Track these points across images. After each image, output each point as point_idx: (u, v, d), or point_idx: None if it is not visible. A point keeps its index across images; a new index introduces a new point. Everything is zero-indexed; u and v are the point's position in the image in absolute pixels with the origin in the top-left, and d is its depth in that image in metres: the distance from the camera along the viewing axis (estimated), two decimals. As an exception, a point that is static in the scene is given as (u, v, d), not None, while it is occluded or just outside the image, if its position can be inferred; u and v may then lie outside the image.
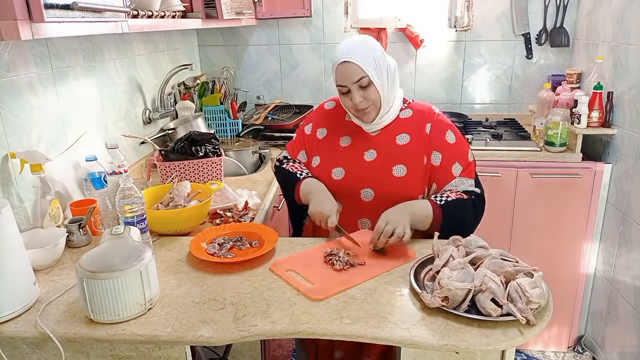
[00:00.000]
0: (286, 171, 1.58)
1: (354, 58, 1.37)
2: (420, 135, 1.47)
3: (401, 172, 1.45)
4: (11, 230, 1.07)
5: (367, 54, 1.39)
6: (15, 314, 1.08)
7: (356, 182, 1.47)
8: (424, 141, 1.47)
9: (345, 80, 1.40)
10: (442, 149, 1.46)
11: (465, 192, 1.45)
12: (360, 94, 1.40)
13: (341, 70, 1.39)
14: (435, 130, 1.48)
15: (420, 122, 1.49)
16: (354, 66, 1.37)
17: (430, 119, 1.49)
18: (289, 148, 1.67)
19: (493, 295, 1.04)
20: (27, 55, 1.46)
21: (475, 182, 1.48)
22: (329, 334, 1.02)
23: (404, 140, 1.47)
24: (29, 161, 1.38)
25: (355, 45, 1.41)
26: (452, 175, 1.45)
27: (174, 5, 1.77)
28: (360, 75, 1.38)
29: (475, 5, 2.66)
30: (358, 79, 1.38)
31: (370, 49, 1.41)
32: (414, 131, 1.48)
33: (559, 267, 2.34)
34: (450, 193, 1.44)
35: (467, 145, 1.52)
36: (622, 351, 2.17)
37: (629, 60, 2.06)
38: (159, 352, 1.05)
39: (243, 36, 2.90)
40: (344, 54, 1.39)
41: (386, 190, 1.45)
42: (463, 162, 1.47)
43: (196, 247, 1.33)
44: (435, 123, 1.49)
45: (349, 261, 1.26)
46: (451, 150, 1.47)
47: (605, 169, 2.20)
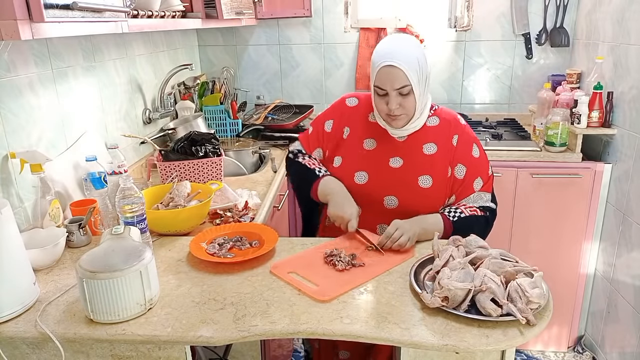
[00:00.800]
0: (303, 166, 1.53)
1: (400, 64, 1.31)
2: (447, 147, 1.45)
3: (427, 183, 1.43)
4: (11, 230, 1.07)
5: (414, 58, 1.33)
6: (15, 314, 1.08)
7: (380, 189, 1.45)
8: (450, 152, 1.45)
9: (386, 85, 1.34)
10: (467, 162, 1.45)
11: (480, 208, 1.44)
12: (398, 101, 1.35)
13: (384, 73, 1.33)
14: (461, 143, 1.46)
15: (447, 132, 1.46)
16: (399, 72, 1.32)
17: (458, 130, 1.47)
18: (303, 142, 1.61)
19: (493, 295, 1.04)
20: (27, 55, 1.46)
21: (491, 197, 1.48)
22: (329, 334, 1.02)
23: (431, 150, 1.45)
24: (29, 161, 1.38)
25: (401, 47, 1.34)
26: (472, 189, 1.45)
27: (174, 5, 1.77)
28: (404, 83, 1.33)
29: (475, 5, 2.67)
30: (400, 86, 1.33)
31: (416, 53, 1.35)
32: (441, 141, 1.45)
33: (559, 267, 2.34)
34: (465, 208, 1.43)
35: (488, 160, 1.51)
36: (622, 351, 2.17)
37: (629, 60, 2.06)
38: (159, 352, 1.05)
39: (243, 36, 2.90)
40: (389, 56, 1.32)
41: (411, 199, 1.43)
42: (484, 177, 1.47)
43: (196, 247, 1.33)
44: (462, 135, 1.47)
45: (350, 261, 1.26)
46: (475, 165, 1.46)
47: (605, 169, 2.20)
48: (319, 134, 1.58)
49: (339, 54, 2.87)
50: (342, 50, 2.86)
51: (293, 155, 1.60)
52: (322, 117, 1.59)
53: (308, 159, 1.56)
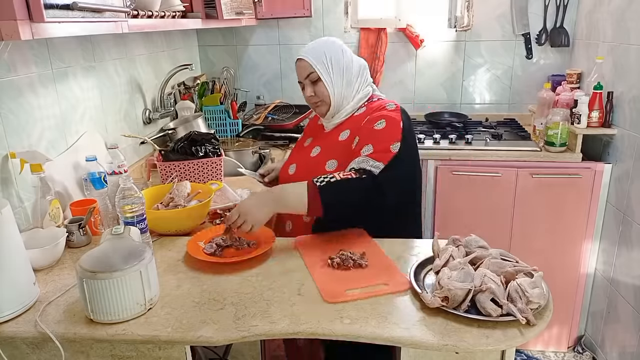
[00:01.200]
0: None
1: (304, 55, 1.49)
2: (357, 128, 1.46)
3: (332, 167, 1.47)
4: (11, 230, 1.07)
5: (320, 51, 1.48)
6: (15, 314, 1.08)
7: (302, 177, 1.40)
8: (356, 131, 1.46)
9: (299, 76, 1.52)
10: (363, 132, 1.41)
11: (357, 171, 1.34)
12: (311, 89, 1.50)
13: (297, 68, 1.52)
14: (369, 120, 1.43)
15: (364, 116, 1.48)
16: (304, 63, 1.49)
17: (373, 111, 1.46)
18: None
19: (493, 295, 1.04)
20: (27, 55, 1.46)
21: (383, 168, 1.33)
22: (329, 334, 1.02)
23: (344, 135, 1.50)
24: (29, 161, 1.38)
25: (312, 44, 1.52)
26: (359, 153, 1.37)
27: (174, 5, 1.77)
28: (309, 70, 1.48)
29: (475, 5, 2.67)
30: (307, 74, 1.49)
31: (326, 47, 1.50)
32: (354, 126, 1.49)
33: (559, 267, 2.34)
34: (340, 174, 1.33)
35: (396, 137, 1.37)
36: (622, 351, 2.17)
37: (629, 60, 2.06)
38: (159, 352, 1.05)
39: (243, 36, 2.90)
40: (300, 52, 1.51)
41: None
42: (378, 147, 1.36)
43: (193, 247, 1.33)
44: (374, 115, 1.43)
45: (350, 262, 1.25)
46: (371, 135, 1.39)
47: (605, 169, 2.20)
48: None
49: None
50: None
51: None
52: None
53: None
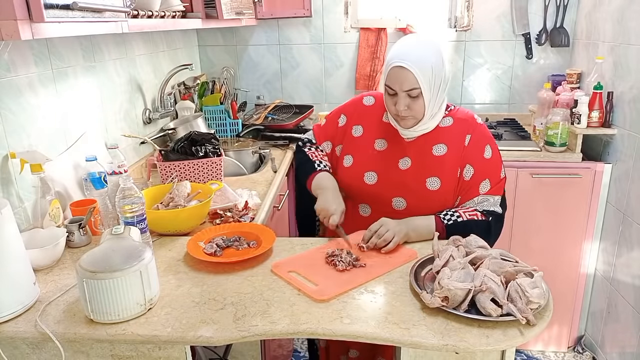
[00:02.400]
0: (306, 156, 1.56)
1: (410, 65, 1.30)
2: (458, 147, 1.41)
3: (434, 185, 1.41)
4: (11, 230, 1.07)
5: (427, 62, 1.31)
6: (15, 314, 1.08)
7: (388, 190, 1.44)
8: (461, 153, 1.41)
9: (395, 85, 1.34)
10: (476, 163, 1.41)
11: (483, 212, 1.40)
12: (407, 102, 1.34)
13: (394, 73, 1.33)
14: (474, 142, 1.42)
15: (460, 132, 1.42)
16: (409, 74, 1.30)
17: (471, 129, 1.43)
18: (315, 131, 1.63)
19: (493, 295, 1.04)
20: (27, 55, 1.46)
21: (500, 201, 1.43)
22: (329, 334, 1.02)
23: (440, 151, 1.42)
24: (29, 161, 1.38)
25: (417, 48, 1.33)
26: (477, 191, 1.41)
27: (174, 5, 1.77)
28: (413, 86, 1.32)
29: (475, 5, 2.67)
30: (409, 88, 1.32)
31: (432, 57, 1.32)
32: (452, 142, 1.42)
33: (559, 267, 2.34)
34: (464, 212, 1.39)
35: (501, 162, 1.46)
36: (622, 351, 2.17)
37: (629, 60, 2.06)
38: (159, 352, 1.05)
39: (243, 36, 2.90)
40: (402, 56, 1.31)
41: (418, 201, 1.42)
42: (493, 180, 1.41)
43: (193, 247, 1.33)
44: (475, 135, 1.42)
45: (351, 262, 1.26)
46: (484, 166, 1.41)
47: (605, 169, 2.20)
48: (331, 127, 1.60)
49: (339, 54, 2.87)
50: (342, 50, 2.86)
51: (302, 143, 1.63)
52: (337, 110, 1.60)
53: (313, 150, 1.58)
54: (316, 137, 1.62)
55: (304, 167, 1.55)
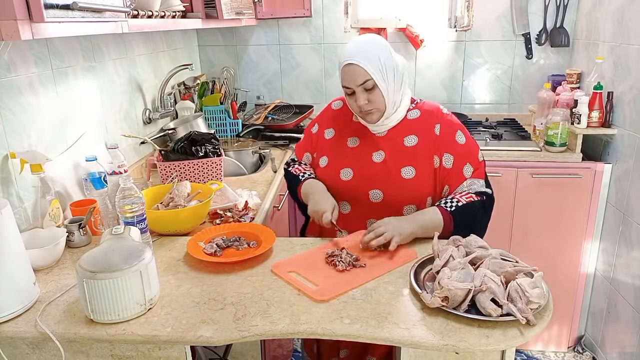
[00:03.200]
0: (291, 174, 1.61)
1: (358, 60, 1.35)
2: (429, 137, 1.46)
3: (410, 174, 1.44)
4: (11, 230, 1.07)
5: (373, 55, 1.36)
6: (15, 314, 1.08)
7: (365, 183, 1.47)
8: (433, 142, 1.45)
9: (350, 83, 1.38)
10: (453, 150, 1.45)
11: (476, 193, 1.43)
12: (365, 97, 1.39)
13: (346, 72, 1.38)
14: (444, 131, 1.46)
15: (428, 122, 1.47)
16: (358, 69, 1.36)
17: (440, 119, 1.47)
18: (296, 150, 1.69)
19: (493, 295, 1.04)
20: (27, 55, 1.46)
21: (485, 183, 1.47)
22: (328, 334, 1.02)
23: (412, 141, 1.46)
24: (29, 161, 1.38)
25: (361, 46, 1.39)
26: (463, 176, 1.44)
27: (174, 5, 1.77)
28: (365, 78, 1.36)
29: (475, 5, 2.66)
30: (362, 81, 1.37)
31: (377, 49, 1.38)
32: (422, 132, 1.46)
33: (559, 267, 2.34)
34: (461, 196, 1.42)
35: (477, 146, 1.50)
36: (622, 351, 2.17)
37: (629, 60, 2.06)
38: (159, 352, 1.05)
39: (243, 36, 2.90)
40: (350, 55, 1.37)
41: (395, 191, 1.45)
42: (474, 163, 1.46)
43: (193, 247, 1.33)
44: (445, 123, 1.47)
45: (351, 262, 1.26)
46: (462, 151, 1.45)
47: (605, 169, 2.20)
48: (307, 139, 1.65)
49: (339, 54, 2.85)
50: (342, 50, 2.84)
51: (287, 165, 1.68)
52: (311, 123, 1.67)
53: (297, 167, 1.63)
54: (297, 155, 1.68)
55: (291, 184, 1.61)
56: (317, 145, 1.59)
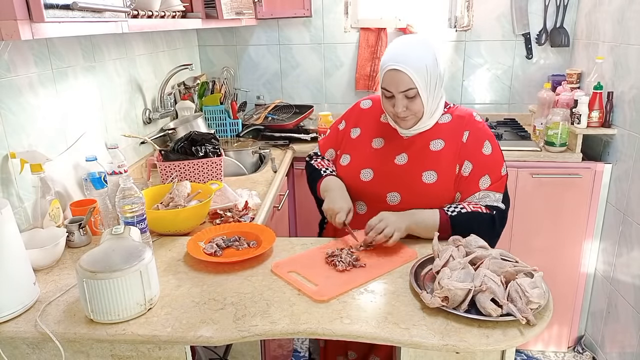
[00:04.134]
0: (312, 167, 1.61)
1: (405, 67, 1.31)
2: (456, 142, 1.42)
3: (431, 179, 1.41)
4: (11, 230, 1.07)
5: (420, 62, 1.32)
6: (15, 314, 1.08)
7: (383, 185, 1.44)
8: (459, 149, 1.41)
9: (392, 87, 1.34)
10: (475, 159, 1.41)
11: (486, 206, 1.39)
12: (405, 103, 1.35)
13: (389, 76, 1.34)
14: (472, 139, 1.42)
15: (458, 128, 1.43)
16: (403, 76, 1.31)
17: (470, 126, 1.43)
18: (320, 144, 1.68)
19: (493, 295, 1.04)
20: (27, 55, 1.46)
21: (502, 197, 1.43)
22: (328, 334, 1.02)
23: (438, 146, 1.42)
24: (29, 161, 1.38)
25: (409, 50, 1.34)
26: (477, 187, 1.40)
27: (174, 5, 1.77)
28: (409, 86, 1.32)
29: (475, 5, 2.67)
30: (405, 89, 1.33)
31: (424, 56, 1.33)
32: (449, 137, 1.42)
33: (559, 267, 2.34)
34: (468, 204, 1.39)
35: (502, 158, 1.46)
36: (622, 351, 2.17)
37: (629, 60, 2.06)
38: (159, 352, 1.05)
39: (243, 36, 2.90)
40: (396, 59, 1.32)
41: (413, 196, 1.41)
42: (493, 176, 1.41)
43: (193, 247, 1.33)
44: (474, 131, 1.43)
45: (351, 262, 1.26)
46: (484, 162, 1.41)
47: (605, 169, 2.20)
48: (332, 136, 1.63)
49: (339, 54, 2.87)
50: (342, 50, 2.86)
51: (309, 158, 1.67)
52: (339, 119, 1.65)
53: (319, 161, 1.62)
54: (320, 149, 1.67)
55: (312, 177, 1.60)
56: (342, 142, 1.58)
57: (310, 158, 1.66)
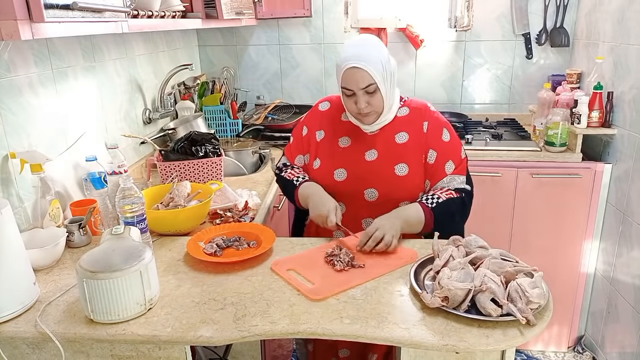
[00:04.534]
0: (284, 179, 1.59)
1: (363, 64, 1.36)
2: (418, 133, 1.48)
3: (403, 171, 1.46)
4: (11, 230, 1.07)
5: (376, 59, 1.38)
6: (15, 314, 1.08)
7: (360, 183, 1.47)
8: (422, 139, 1.48)
9: (352, 85, 1.39)
10: (437, 147, 1.47)
11: (456, 190, 1.45)
12: (366, 99, 1.40)
13: (349, 74, 1.38)
14: (431, 128, 1.49)
15: (417, 120, 1.50)
16: (363, 72, 1.36)
17: (427, 117, 1.50)
18: (286, 153, 1.67)
19: (493, 295, 1.04)
20: (27, 55, 1.46)
21: (466, 179, 1.49)
22: (328, 334, 1.02)
23: (403, 138, 1.48)
24: (29, 161, 1.38)
25: (363, 48, 1.39)
26: (444, 172, 1.47)
27: (174, 5, 1.77)
28: (369, 82, 1.37)
29: (475, 5, 2.66)
30: (365, 85, 1.38)
31: (379, 53, 1.39)
32: (412, 129, 1.49)
33: (559, 267, 2.34)
34: (441, 192, 1.44)
35: (460, 143, 1.53)
36: (622, 351, 2.17)
37: (629, 60, 2.06)
38: (159, 352, 1.05)
39: (243, 36, 2.90)
40: (353, 57, 1.38)
41: (390, 189, 1.46)
42: (456, 160, 1.49)
43: (193, 247, 1.33)
44: (432, 121, 1.50)
45: (349, 262, 1.26)
46: (445, 148, 1.48)
47: (605, 169, 2.20)
48: (298, 141, 1.64)
49: (339, 54, 2.86)
50: (342, 51, 2.85)
51: (279, 170, 1.65)
52: (299, 125, 1.66)
53: (290, 171, 1.61)
54: (288, 158, 1.65)
55: (287, 190, 1.59)
56: (308, 147, 1.59)
57: (280, 170, 1.64)
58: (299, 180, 1.55)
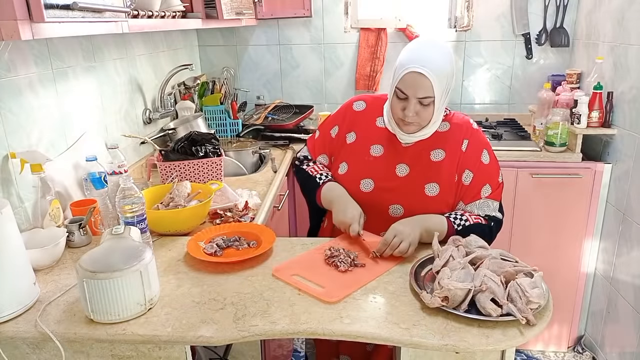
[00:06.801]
0: (306, 173, 1.53)
1: (430, 74, 1.26)
2: (456, 152, 1.41)
3: (433, 191, 1.39)
4: (11, 230, 1.07)
5: (444, 72, 1.28)
6: (15, 314, 1.08)
7: (385, 197, 1.42)
8: (458, 158, 1.40)
9: (409, 90, 1.30)
10: (475, 168, 1.40)
11: (486, 217, 1.40)
12: (417, 109, 1.31)
13: (411, 78, 1.28)
14: (471, 148, 1.41)
15: (457, 137, 1.42)
16: (426, 82, 1.27)
17: (468, 135, 1.42)
18: (309, 147, 1.60)
19: (493, 295, 1.04)
20: (27, 55, 1.46)
21: (499, 206, 1.43)
22: (329, 334, 1.02)
23: (438, 156, 1.41)
24: (29, 161, 1.38)
25: (434, 55, 1.29)
26: (479, 195, 1.40)
27: (174, 5, 1.77)
28: (428, 94, 1.29)
29: (475, 5, 2.67)
30: (424, 96, 1.29)
31: (450, 67, 1.30)
32: (449, 147, 1.41)
33: (559, 267, 2.34)
34: (470, 216, 1.39)
35: (499, 167, 1.45)
36: (622, 351, 2.17)
37: (629, 60, 2.06)
38: (159, 352, 1.05)
39: (243, 36, 2.90)
40: (421, 62, 1.27)
41: (416, 208, 1.39)
42: (493, 185, 1.42)
43: (193, 247, 1.33)
44: (473, 140, 1.42)
45: (352, 262, 1.26)
46: (484, 171, 1.41)
47: (605, 169, 2.20)
48: (324, 140, 1.57)
49: (339, 54, 2.87)
50: (342, 51, 2.86)
51: (299, 162, 1.60)
52: (329, 121, 1.58)
53: (312, 165, 1.55)
54: (311, 153, 1.59)
55: (307, 185, 1.53)
56: (336, 149, 1.52)
57: (301, 162, 1.58)
58: (322, 179, 1.49)
